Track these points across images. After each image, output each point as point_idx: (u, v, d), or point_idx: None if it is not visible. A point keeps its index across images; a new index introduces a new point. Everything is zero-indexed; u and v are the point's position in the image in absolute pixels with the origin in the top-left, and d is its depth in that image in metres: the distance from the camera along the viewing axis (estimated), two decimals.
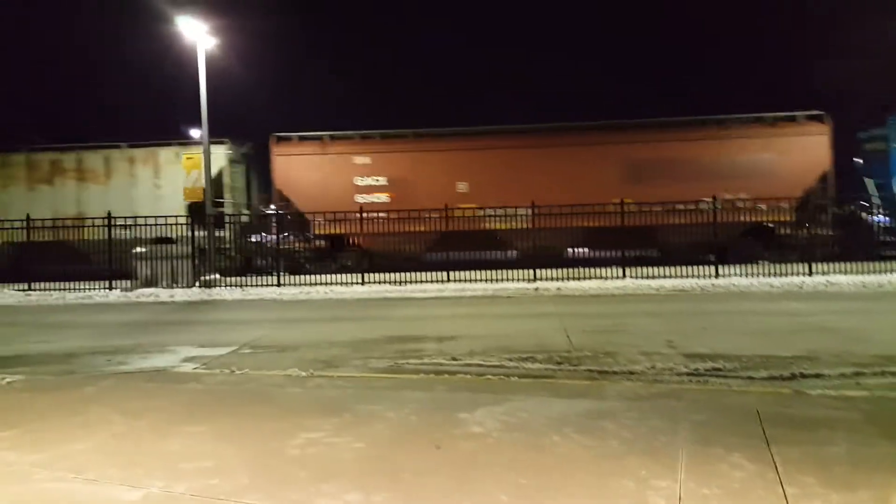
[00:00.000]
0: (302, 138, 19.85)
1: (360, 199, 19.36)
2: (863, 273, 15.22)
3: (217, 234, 19.31)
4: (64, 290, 16.63)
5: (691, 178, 18.61)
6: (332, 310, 12.88)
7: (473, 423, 5.03)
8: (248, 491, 3.87)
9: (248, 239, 20.40)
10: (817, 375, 6.78)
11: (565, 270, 16.14)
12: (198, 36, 17.15)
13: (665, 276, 15.56)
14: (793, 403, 5.59)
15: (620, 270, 15.95)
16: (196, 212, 19.12)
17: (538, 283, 15.26)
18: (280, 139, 19.74)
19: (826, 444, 4.49)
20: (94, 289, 16.61)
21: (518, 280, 15.70)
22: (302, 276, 16.90)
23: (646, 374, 6.96)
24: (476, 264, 17.00)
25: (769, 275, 15.50)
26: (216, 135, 19.14)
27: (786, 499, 3.64)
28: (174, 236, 18.47)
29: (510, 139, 19.83)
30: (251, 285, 16.37)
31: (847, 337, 8.73)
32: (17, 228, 17.74)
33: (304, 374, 6.88)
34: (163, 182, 20.10)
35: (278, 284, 16.32)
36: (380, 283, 15.98)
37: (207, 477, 4.09)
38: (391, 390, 6.10)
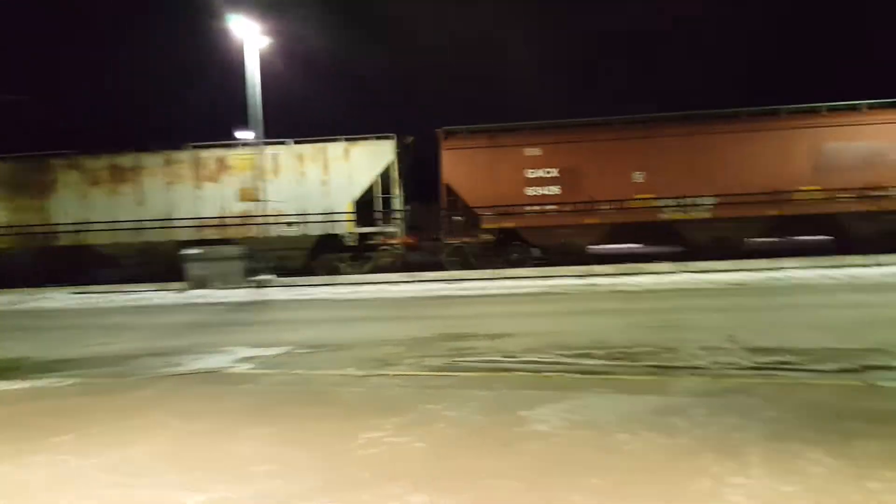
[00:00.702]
0: (470, 131, 19.61)
1: (531, 191, 18.96)
2: None
3: (385, 229, 19.42)
4: (119, 292, 17.06)
5: (884, 164, 17.68)
6: (382, 309, 12.90)
7: (538, 422, 4.92)
8: (317, 494, 3.83)
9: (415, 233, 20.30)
10: (889, 368, 6.49)
11: (619, 266, 15.83)
12: (248, 36, 17.40)
13: (722, 270, 15.15)
14: (867, 397, 5.34)
15: (674, 265, 15.57)
16: (360, 209, 19.25)
17: (592, 279, 15.01)
18: (448, 133, 19.49)
19: None
20: (149, 290, 17.00)
21: (571, 276, 15.47)
22: (352, 276, 16.98)
23: (709, 370, 6.74)
24: (647, 257, 16.68)
25: (829, 266, 14.95)
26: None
27: (869, 494, 3.45)
28: (343, 234, 18.77)
29: (691, 125, 18.87)
30: (302, 285, 16.54)
31: None
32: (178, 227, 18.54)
33: (360, 373, 6.86)
34: (331, 178, 19.85)
35: (330, 284, 16.44)
36: (429, 281, 15.96)
37: (272, 480, 4.08)
38: (450, 389, 6.03)
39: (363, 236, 19.38)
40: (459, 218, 18.98)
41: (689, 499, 3.52)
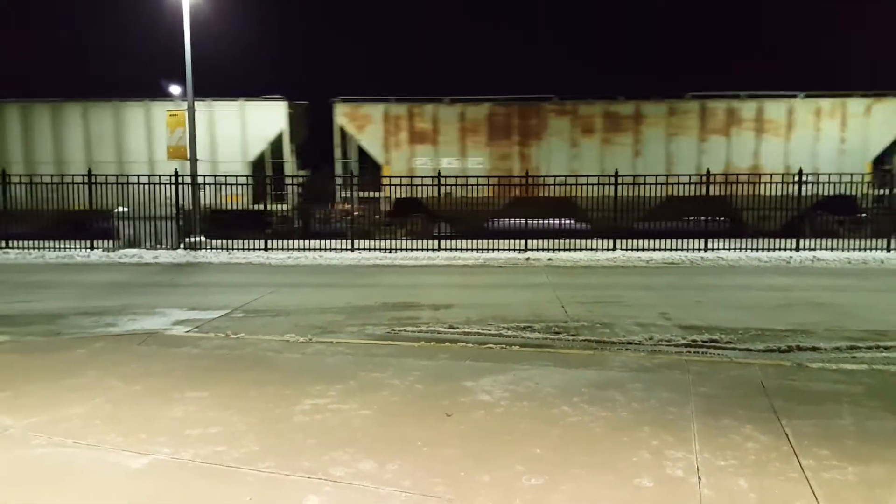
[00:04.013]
0: None
1: None
2: (847, 250, 15.37)
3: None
4: (43, 248, 16.22)
5: None
6: (321, 276, 12.72)
7: (481, 392, 4.97)
8: (259, 458, 3.78)
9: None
10: (813, 349, 6.84)
11: (556, 241, 16.06)
12: None
13: (654, 249, 15.57)
14: (795, 376, 5.60)
15: (610, 242, 15.91)
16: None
17: (529, 254, 15.20)
18: None
19: (834, 418, 4.50)
20: (75, 248, 16.23)
21: (509, 250, 15.62)
22: (290, 241, 16.58)
23: (644, 345, 6.97)
24: None
25: (756, 249, 15.57)
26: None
27: (803, 471, 3.64)
28: (856, 195, 17.12)
29: None
30: (238, 248, 16.11)
31: (837, 312, 8.79)
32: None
33: (302, 339, 6.76)
34: (848, 136, 18.63)
35: (266, 248, 16.06)
36: (370, 249, 15.79)
37: (214, 444, 3.99)
38: (393, 357, 6.02)
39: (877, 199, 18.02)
40: None
41: (630, 470, 3.64)
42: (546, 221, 19.64)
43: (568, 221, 19.87)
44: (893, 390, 5.22)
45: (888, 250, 15.37)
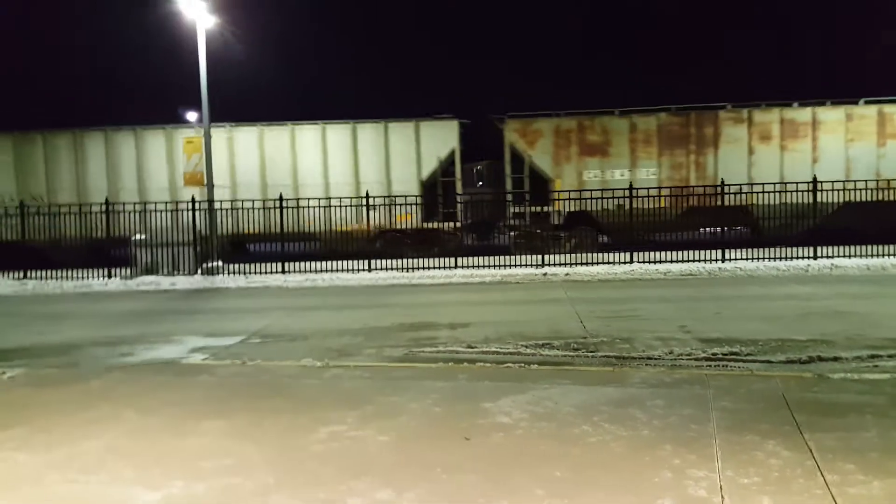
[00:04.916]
0: None
1: None
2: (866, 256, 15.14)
3: None
4: (61, 278, 16.38)
5: None
6: (338, 297, 12.74)
7: (499, 414, 4.92)
8: (274, 490, 3.75)
9: None
10: (835, 359, 6.71)
11: (572, 256, 15.99)
12: (198, 14, 16.62)
13: (672, 261, 15.44)
14: (817, 388, 5.50)
15: (627, 255, 15.80)
16: None
17: (546, 269, 15.13)
18: None
19: (859, 430, 4.41)
20: (93, 277, 16.38)
21: (526, 265, 15.57)
22: (307, 263, 16.63)
23: (664, 360, 6.88)
24: None
25: (774, 258, 15.40)
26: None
27: (828, 487, 3.56)
28: None
29: None
30: (255, 273, 16.19)
31: (857, 320, 8.64)
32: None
33: (319, 364, 6.75)
34: None
35: (283, 272, 16.13)
36: (387, 269, 15.79)
37: (229, 476, 3.97)
38: (411, 380, 5.99)
39: None
40: None
41: (652, 491, 3.57)
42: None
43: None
44: None
45: None
